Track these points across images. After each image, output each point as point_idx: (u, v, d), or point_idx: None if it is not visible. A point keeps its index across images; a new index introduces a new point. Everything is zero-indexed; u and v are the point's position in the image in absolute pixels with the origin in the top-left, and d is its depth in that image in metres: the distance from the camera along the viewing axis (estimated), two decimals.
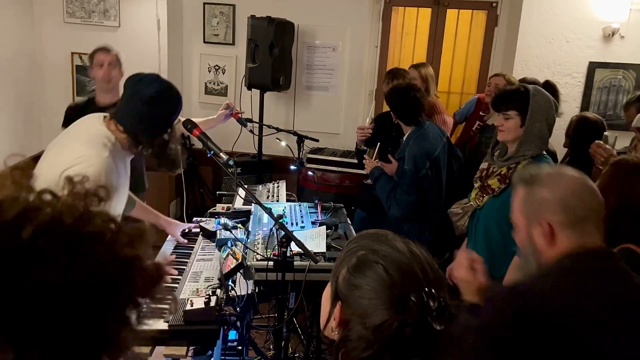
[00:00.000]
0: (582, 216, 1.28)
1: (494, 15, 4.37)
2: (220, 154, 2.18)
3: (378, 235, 1.01)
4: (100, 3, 4.18)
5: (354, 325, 0.92)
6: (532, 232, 1.33)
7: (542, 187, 1.32)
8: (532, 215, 1.33)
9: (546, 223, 1.29)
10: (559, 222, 1.28)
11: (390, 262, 0.92)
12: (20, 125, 4.01)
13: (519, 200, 1.38)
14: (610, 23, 3.93)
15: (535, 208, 1.33)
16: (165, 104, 1.90)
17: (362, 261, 0.95)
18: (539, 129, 2.19)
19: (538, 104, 2.19)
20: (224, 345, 2.24)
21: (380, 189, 3.00)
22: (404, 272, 0.91)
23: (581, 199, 1.29)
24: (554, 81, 4.07)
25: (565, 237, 1.28)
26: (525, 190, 1.36)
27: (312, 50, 4.52)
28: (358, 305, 0.92)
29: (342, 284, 0.96)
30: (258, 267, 2.04)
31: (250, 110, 4.12)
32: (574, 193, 1.29)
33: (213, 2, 4.52)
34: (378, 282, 0.91)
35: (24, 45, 4.05)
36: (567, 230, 1.28)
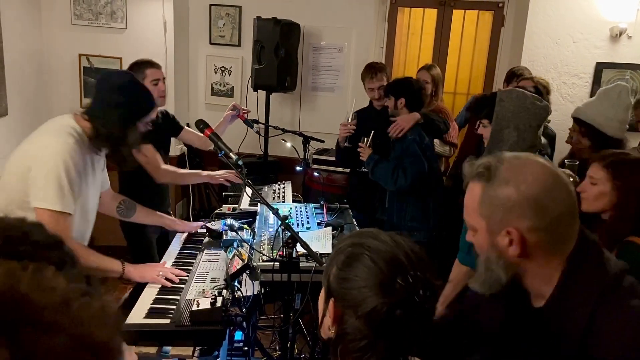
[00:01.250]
0: (556, 217, 1.05)
1: (501, 16, 4.35)
2: (230, 154, 2.20)
3: (362, 232, 1.06)
4: (107, 5, 4.21)
5: (347, 318, 0.97)
6: (497, 242, 1.09)
7: (505, 185, 1.06)
8: (494, 220, 1.08)
9: (515, 231, 1.06)
10: (531, 228, 1.05)
11: (376, 252, 0.98)
12: (28, 127, 4.01)
13: (474, 199, 1.11)
14: (618, 23, 3.91)
15: (498, 212, 1.07)
16: (130, 95, 1.97)
17: (350, 256, 1.00)
18: (507, 136, 2.07)
19: (504, 109, 2.08)
20: (230, 345, 2.25)
21: (381, 170, 3.00)
22: (388, 259, 0.97)
23: (554, 195, 1.05)
24: (561, 82, 4.07)
25: (541, 247, 1.07)
26: (482, 187, 1.10)
27: (318, 51, 4.53)
28: (349, 296, 0.97)
29: (333, 281, 1.01)
30: (264, 268, 2.05)
31: (256, 112, 4.13)
32: (545, 189, 1.05)
33: (219, 4, 4.53)
34: (366, 271, 0.97)
35: (32, 47, 4.08)
36: (543, 237, 1.06)
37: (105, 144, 1.98)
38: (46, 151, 1.85)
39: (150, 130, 2.11)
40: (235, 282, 2.00)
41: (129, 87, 2.01)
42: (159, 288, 2.06)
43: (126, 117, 1.96)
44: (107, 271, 2.01)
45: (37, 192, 1.84)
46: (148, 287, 2.07)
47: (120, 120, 1.94)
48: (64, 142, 1.87)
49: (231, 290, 1.94)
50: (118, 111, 1.94)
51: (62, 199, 1.84)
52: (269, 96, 4.20)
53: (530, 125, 2.07)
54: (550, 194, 1.05)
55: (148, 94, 2.08)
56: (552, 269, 1.11)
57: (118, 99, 1.94)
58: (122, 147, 1.98)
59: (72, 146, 1.87)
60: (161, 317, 1.84)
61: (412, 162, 2.93)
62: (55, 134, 1.91)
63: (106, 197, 2.39)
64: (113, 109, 1.94)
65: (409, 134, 2.99)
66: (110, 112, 1.94)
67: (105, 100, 1.96)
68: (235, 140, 3.83)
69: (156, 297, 1.99)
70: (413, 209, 3.07)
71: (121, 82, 2.00)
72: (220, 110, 3.75)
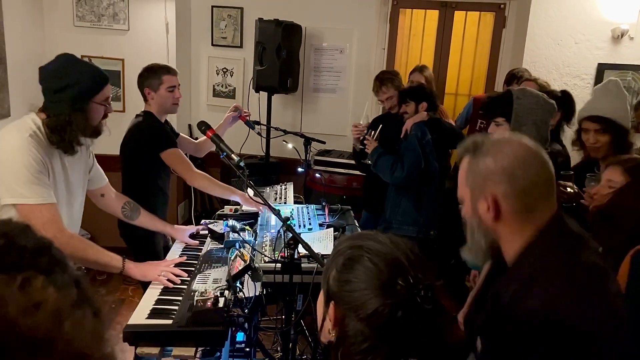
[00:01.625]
0: (528, 186, 1.17)
1: (502, 17, 4.36)
2: (232, 156, 2.20)
3: (360, 234, 1.06)
4: (109, 7, 4.22)
5: (349, 320, 0.97)
6: (477, 207, 1.21)
7: (486, 156, 1.20)
8: (476, 188, 1.22)
9: (491, 196, 1.18)
10: (504, 194, 1.17)
11: (375, 254, 0.98)
12: None
13: (462, 172, 1.26)
14: (620, 24, 3.90)
15: (478, 180, 1.21)
16: (69, 76, 1.89)
17: (349, 258, 0.99)
18: (526, 132, 2.08)
19: (522, 106, 2.13)
20: (232, 346, 2.25)
21: (383, 163, 3.07)
22: (389, 260, 0.97)
23: (527, 167, 1.17)
24: (562, 83, 4.07)
25: (512, 212, 1.18)
26: (469, 160, 1.24)
27: (320, 53, 4.53)
28: (350, 299, 0.97)
29: (332, 284, 1.00)
30: (266, 269, 2.05)
31: (257, 113, 4.14)
32: (519, 161, 1.17)
33: (221, 5, 4.54)
34: (366, 273, 0.96)
35: (34, 49, 4.09)
36: (514, 203, 1.17)
37: (53, 133, 1.90)
38: (6, 149, 1.82)
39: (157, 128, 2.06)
40: (237, 283, 2.00)
41: (68, 67, 1.92)
42: (161, 289, 2.06)
43: (75, 99, 1.89)
44: (106, 266, 2.00)
45: (10, 190, 1.81)
46: (150, 288, 2.08)
47: (70, 104, 1.88)
48: (22, 137, 1.83)
49: (233, 291, 1.94)
50: (64, 95, 1.87)
51: (38, 190, 1.82)
52: (270, 97, 4.21)
53: (545, 121, 2.16)
54: (523, 165, 1.17)
55: (94, 69, 1.98)
56: (522, 237, 1.20)
57: (61, 83, 1.88)
58: (66, 133, 1.90)
59: (29, 140, 1.83)
60: (163, 317, 1.84)
61: (410, 156, 3.01)
62: (16, 129, 1.87)
63: (109, 195, 2.38)
64: (58, 94, 1.88)
65: (411, 129, 3.07)
66: (57, 99, 1.88)
67: (50, 89, 1.90)
68: (237, 141, 3.83)
69: (158, 297, 2.00)
70: (406, 204, 3.12)
71: (59, 65, 1.93)
72: (221, 112, 3.76)
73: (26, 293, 0.53)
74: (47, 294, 0.54)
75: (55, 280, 0.57)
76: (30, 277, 0.54)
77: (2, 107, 3.61)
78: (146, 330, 1.78)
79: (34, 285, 0.54)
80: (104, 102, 1.99)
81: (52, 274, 0.59)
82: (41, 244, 0.63)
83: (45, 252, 0.62)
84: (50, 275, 0.58)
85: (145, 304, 1.94)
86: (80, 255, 1.93)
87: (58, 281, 0.58)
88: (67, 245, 1.88)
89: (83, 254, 1.93)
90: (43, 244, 0.63)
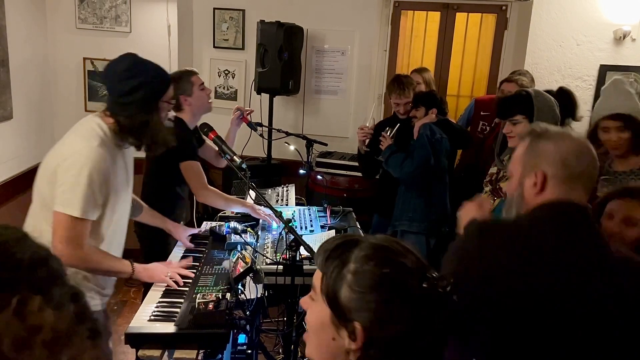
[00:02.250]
0: (576, 175, 1.32)
1: (504, 19, 4.35)
2: (234, 158, 2.20)
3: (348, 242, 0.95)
4: (111, 9, 4.23)
5: (376, 334, 0.89)
6: (524, 181, 1.37)
7: (548, 141, 1.36)
8: (529, 164, 1.37)
9: (541, 173, 1.34)
10: (554, 175, 1.33)
11: (385, 263, 0.91)
12: (33, 130, 4.05)
13: (521, 150, 1.42)
14: (622, 26, 3.90)
15: (535, 158, 1.37)
16: (140, 75, 1.89)
17: (363, 272, 0.91)
18: None
19: (542, 103, 2.19)
20: (234, 349, 2.25)
21: (394, 160, 3.14)
22: (402, 266, 0.91)
23: (580, 159, 1.33)
24: (564, 84, 4.06)
25: (554, 191, 1.33)
26: (531, 141, 1.40)
27: (321, 55, 4.54)
28: (378, 314, 0.89)
29: (350, 303, 0.90)
30: (267, 270, 2.05)
31: (259, 115, 4.14)
32: (575, 152, 1.33)
33: (223, 8, 4.55)
34: (386, 284, 0.90)
35: (36, 51, 4.10)
36: (559, 184, 1.32)
37: (129, 135, 1.90)
38: (75, 156, 1.82)
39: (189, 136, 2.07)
40: (239, 285, 2.00)
41: (136, 68, 1.91)
42: (162, 291, 2.06)
43: (145, 99, 1.88)
44: (118, 273, 2.00)
45: (61, 196, 1.82)
46: (152, 290, 2.08)
47: (140, 105, 1.87)
48: (91, 147, 1.83)
49: (235, 293, 1.94)
50: (135, 97, 1.86)
51: (84, 205, 1.81)
52: (272, 99, 4.21)
53: (559, 119, 2.25)
54: (578, 156, 1.33)
55: (160, 69, 1.98)
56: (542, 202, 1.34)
57: (130, 84, 1.87)
58: (146, 134, 1.90)
59: (99, 151, 1.83)
60: (165, 320, 1.84)
61: (419, 152, 3.07)
62: (85, 137, 1.87)
63: None
64: (128, 96, 1.86)
65: (420, 129, 3.14)
66: (127, 101, 1.87)
67: (118, 91, 1.89)
68: (239, 143, 3.83)
69: (160, 300, 2.00)
70: (417, 201, 3.16)
71: (126, 66, 1.90)
72: (223, 114, 3.77)
73: (22, 318, 0.50)
74: (44, 318, 0.52)
75: (52, 299, 0.55)
76: (26, 299, 0.52)
77: (4, 109, 3.62)
78: (148, 332, 1.78)
79: (30, 307, 0.52)
80: (170, 101, 2.00)
81: (49, 290, 0.57)
82: (38, 256, 0.60)
83: (42, 265, 0.60)
84: (47, 293, 0.56)
85: (147, 307, 1.94)
86: (94, 267, 1.94)
87: (55, 299, 0.56)
88: (84, 259, 1.87)
89: (98, 265, 1.93)
90: (40, 256, 0.61)
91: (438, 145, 3.13)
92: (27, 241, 0.62)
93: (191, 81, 2.72)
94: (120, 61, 1.93)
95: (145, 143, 1.94)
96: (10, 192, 3.71)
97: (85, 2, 4.22)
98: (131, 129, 1.89)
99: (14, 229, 0.63)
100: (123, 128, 1.89)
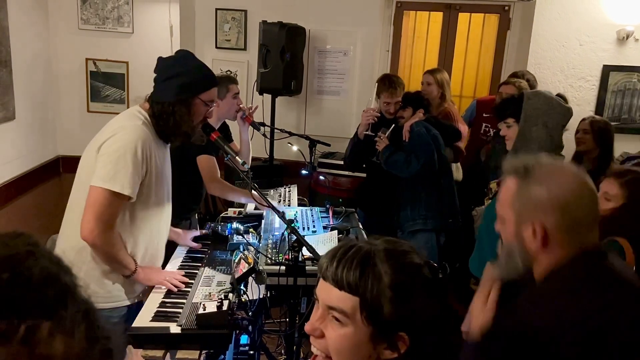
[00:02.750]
0: (580, 219, 1.18)
1: (507, 19, 4.34)
2: (237, 158, 2.20)
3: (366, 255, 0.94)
4: (114, 10, 4.23)
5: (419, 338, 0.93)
6: (521, 231, 1.21)
7: (538, 185, 1.19)
8: (524, 213, 1.21)
9: (540, 225, 1.18)
10: (555, 226, 1.17)
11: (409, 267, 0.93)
12: (36, 131, 4.06)
13: (509, 193, 1.24)
14: (625, 26, 3.89)
15: (528, 207, 1.20)
16: (185, 65, 1.95)
17: (397, 284, 0.91)
18: (536, 134, 2.11)
19: (533, 107, 2.13)
20: (236, 349, 2.25)
21: (395, 160, 3.14)
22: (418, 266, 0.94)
23: (580, 200, 1.17)
24: (567, 85, 4.06)
25: (559, 242, 1.18)
26: (517, 183, 1.23)
27: (323, 55, 4.53)
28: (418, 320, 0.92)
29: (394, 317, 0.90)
30: (270, 271, 2.05)
31: (262, 115, 4.14)
32: (573, 193, 1.17)
33: (225, 8, 4.55)
34: (420, 290, 0.92)
35: (39, 52, 4.11)
36: (562, 234, 1.18)
37: (159, 121, 1.93)
38: (119, 132, 1.85)
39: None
40: (241, 286, 2.00)
41: (185, 59, 1.99)
42: (165, 292, 2.06)
43: (182, 88, 1.91)
44: (124, 268, 1.98)
45: (99, 170, 1.82)
46: (154, 292, 2.08)
47: (176, 92, 1.90)
48: (135, 125, 1.88)
49: (237, 293, 1.94)
50: (173, 83, 1.91)
51: (122, 180, 1.81)
52: (274, 100, 4.21)
53: (558, 124, 2.14)
54: (577, 198, 1.17)
55: (207, 68, 2.03)
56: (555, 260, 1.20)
57: (173, 71, 1.92)
58: (170, 122, 1.92)
59: (142, 128, 1.88)
60: (167, 320, 1.84)
61: (423, 149, 3.08)
62: (128, 118, 1.93)
63: None
64: (168, 81, 1.91)
65: (414, 126, 3.13)
66: (165, 86, 1.92)
67: (161, 76, 1.94)
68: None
69: (162, 300, 1.99)
70: (427, 198, 3.17)
71: (178, 55, 2.01)
72: None
73: (31, 348, 0.48)
74: (55, 347, 0.49)
75: (62, 323, 0.52)
76: (35, 327, 0.49)
77: (7, 109, 3.63)
78: (150, 333, 1.78)
79: (39, 335, 0.49)
80: (208, 102, 2.00)
81: (59, 313, 0.54)
82: (48, 272, 0.57)
83: (52, 283, 0.57)
84: (57, 317, 0.53)
85: (150, 307, 1.94)
86: (113, 254, 1.91)
87: (66, 323, 0.53)
88: (108, 242, 1.87)
89: (115, 253, 1.92)
90: (50, 273, 0.58)
91: (436, 142, 3.15)
92: (38, 252, 0.59)
93: (228, 87, 2.83)
94: (175, 53, 2.06)
95: (167, 131, 1.96)
96: (13, 192, 3.72)
97: (87, 3, 4.22)
98: (159, 114, 1.92)
99: (25, 238, 0.60)
100: (154, 112, 1.93)
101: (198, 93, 1.95)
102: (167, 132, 1.97)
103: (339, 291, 0.93)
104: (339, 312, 0.93)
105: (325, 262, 0.95)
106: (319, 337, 0.96)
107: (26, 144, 3.91)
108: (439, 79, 3.72)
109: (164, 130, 1.96)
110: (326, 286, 0.95)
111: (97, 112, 4.31)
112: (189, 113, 1.95)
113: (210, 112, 2.05)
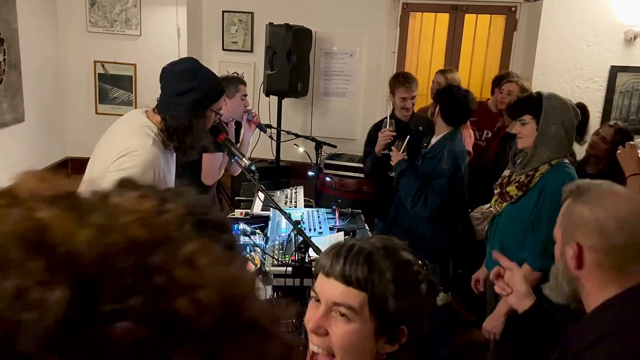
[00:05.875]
0: (622, 246, 1.11)
1: (513, 20, 4.33)
2: (244, 160, 2.22)
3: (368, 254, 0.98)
4: (122, 12, 4.27)
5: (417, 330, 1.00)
6: (565, 250, 1.20)
7: (584, 205, 1.18)
8: (567, 231, 1.21)
9: (577, 246, 1.16)
10: (591, 247, 1.14)
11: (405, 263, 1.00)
12: (45, 132, 4.10)
13: (561, 213, 1.26)
14: (632, 27, 3.87)
15: (570, 226, 1.20)
16: (197, 79, 1.88)
17: (399, 279, 0.96)
18: (555, 132, 2.15)
19: (552, 106, 2.16)
20: None
21: (406, 183, 2.84)
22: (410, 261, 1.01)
23: (625, 227, 1.11)
24: (575, 85, 4.04)
25: (596, 267, 1.14)
26: (568, 204, 1.24)
27: (330, 57, 4.54)
28: (417, 314, 0.99)
29: (397, 311, 0.94)
30: (276, 272, 2.06)
31: (268, 117, 4.15)
32: (616, 219, 1.12)
33: (232, 10, 4.57)
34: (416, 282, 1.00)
35: (48, 54, 4.14)
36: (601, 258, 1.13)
37: (174, 137, 1.88)
38: (131, 153, 1.80)
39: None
40: None
41: (195, 71, 1.90)
42: None
43: (197, 103, 1.87)
44: None
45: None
46: None
47: (191, 108, 1.86)
48: (144, 146, 1.81)
49: None
50: (187, 98, 1.86)
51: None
52: (281, 101, 4.22)
53: (573, 125, 2.19)
54: (621, 224, 1.12)
55: (216, 77, 2.00)
56: (603, 293, 1.15)
57: (186, 86, 1.86)
58: (188, 137, 1.89)
59: (152, 149, 1.82)
60: None
61: (436, 192, 2.76)
62: (134, 136, 1.85)
63: None
64: (181, 97, 1.86)
65: (444, 164, 2.79)
66: (179, 102, 1.86)
67: (173, 90, 1.88)
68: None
69: None
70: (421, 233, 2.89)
71: (185, 67, 1.90)
72: None
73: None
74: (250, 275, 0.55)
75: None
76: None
77: (16, 112, 3.66)
78: None
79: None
80: (218, 111, 2.00)
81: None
82: (223, 222, 0.67)
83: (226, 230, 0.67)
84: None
85: None
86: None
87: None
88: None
89: None
90: (225, 223, 0.68)
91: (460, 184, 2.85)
92: (217, 209, 0.68)
93: (237, 88, 2.87)
94: (180, 62, 1.97)
95: (184, 147, 1.92)
96: None
97: (95, 6, 4.26)
98: (176, 129, 1.88)
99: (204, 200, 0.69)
100: (169, 128, 1.88)
101: (211, 104, 1.95)
102: (183, 148, 1.93)
103: (347, 287, 0.95)
104: (347, 308, 0.94)
105: (329, 260, 0.97)
106: (323, 335, 0.97)
107: (35, 146, 3.94)
108: (450, 79, 3.72)
109: (181, 147, 1.92)
110: (331, 283, 0.96)
111: (105, 114, 4.35)
112: (205, 125, 1.95)
113: (218, 118, 2.06)
